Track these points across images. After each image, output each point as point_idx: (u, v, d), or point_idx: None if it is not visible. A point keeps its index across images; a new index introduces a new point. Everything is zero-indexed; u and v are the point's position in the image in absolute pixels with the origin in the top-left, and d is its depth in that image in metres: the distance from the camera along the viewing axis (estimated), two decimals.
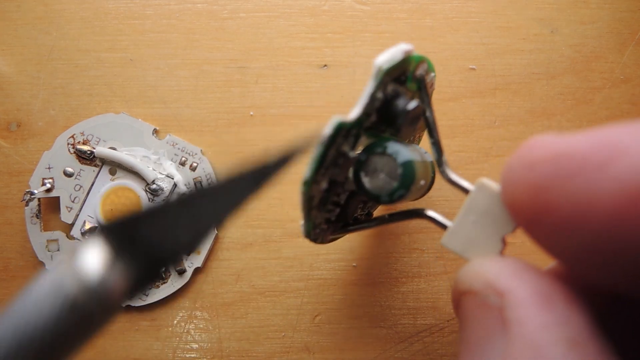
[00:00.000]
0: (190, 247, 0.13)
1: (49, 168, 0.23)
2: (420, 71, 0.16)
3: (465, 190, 0.15)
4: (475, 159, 0.23)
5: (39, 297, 0.12)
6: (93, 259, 0.12)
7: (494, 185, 0.15)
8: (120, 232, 0.13)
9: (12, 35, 0.24)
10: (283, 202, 0.23)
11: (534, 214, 0.12)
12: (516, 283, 0.13)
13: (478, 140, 0.23)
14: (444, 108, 0.23)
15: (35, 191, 0.23)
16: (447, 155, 0.23)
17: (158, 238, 0.13)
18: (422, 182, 0.16)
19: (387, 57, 0.15)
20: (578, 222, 0.11)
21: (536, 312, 0.12)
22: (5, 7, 0.24)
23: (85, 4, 0.24)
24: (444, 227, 0.15)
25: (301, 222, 0.16)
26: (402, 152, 0.15)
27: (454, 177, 0.16)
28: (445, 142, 0.21)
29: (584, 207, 0.11)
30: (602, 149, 0.11)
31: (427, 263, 0.23)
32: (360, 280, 0.23)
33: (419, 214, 0.16)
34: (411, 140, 0.20)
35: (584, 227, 0.11)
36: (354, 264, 0.23)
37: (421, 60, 0.16)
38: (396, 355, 0.23)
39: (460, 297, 0.14)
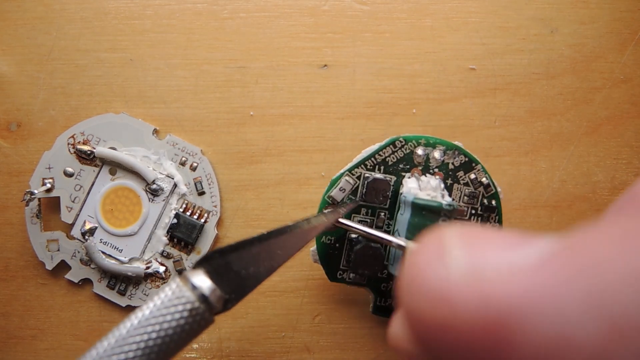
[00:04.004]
0: (267, 275, 0.18)
1: (49, 168, 0.23)
2: None
3: None
4: None
5: (166, 302, 0.16)
6: (203, 278, 0.17)
7: None
8: (218, 260, 0.17)
9: (12, 35, 0.24)
10: (283, 202, 0.23)
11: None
12: None
13: (478, 140, 0.23)
14: (444, 108, 0.23)
15: (36, 191, 0.23)
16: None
17: (244, 267, 0.17)
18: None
19: None
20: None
21: None
22: (5, 7, 0.24)
23: (85, 4, 0.24)
24: None
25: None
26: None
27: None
28: None
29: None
30: (490, 336, 0.09)
31: None
32: None
33: None
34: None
35: None
36: None
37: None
38: (396, 355, 0.23)
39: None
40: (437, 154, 0.21)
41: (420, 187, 0.20)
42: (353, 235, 0.21)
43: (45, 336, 0.23)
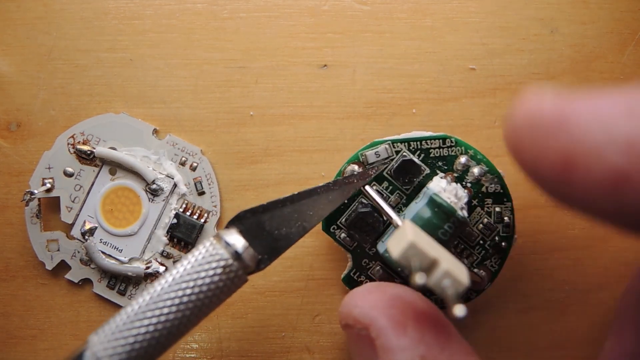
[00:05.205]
0: (299, 236, 0.18)
1: (49, 168, 0.23)
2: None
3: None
4: None
5: (200, 260, 0.16)
6: (236, 237, 0.17)
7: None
8: (250, 220, 0.17)
9: (12, 35, 0.24)
10: None
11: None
12: (376, 315, 0.16)
13: (478, 140, 0.23)
14: (444, 108, 0.23)
15: (35, 191, 0.23)
16: None
17: (277, 227, 0.18)
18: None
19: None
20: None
21: (394, 337, 0.15)
22: (5, 7, 0.24)
23: (85, 4, 0.24)
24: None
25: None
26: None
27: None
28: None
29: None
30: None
31: None
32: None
33: None
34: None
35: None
36: None
37: None
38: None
39: (343, 329, 0.17)
40: (476, 170, 0.21)
41: (445, 189, 0.20)
42: (364, 200, 0.21)
43: (45, 336, 0.23)
